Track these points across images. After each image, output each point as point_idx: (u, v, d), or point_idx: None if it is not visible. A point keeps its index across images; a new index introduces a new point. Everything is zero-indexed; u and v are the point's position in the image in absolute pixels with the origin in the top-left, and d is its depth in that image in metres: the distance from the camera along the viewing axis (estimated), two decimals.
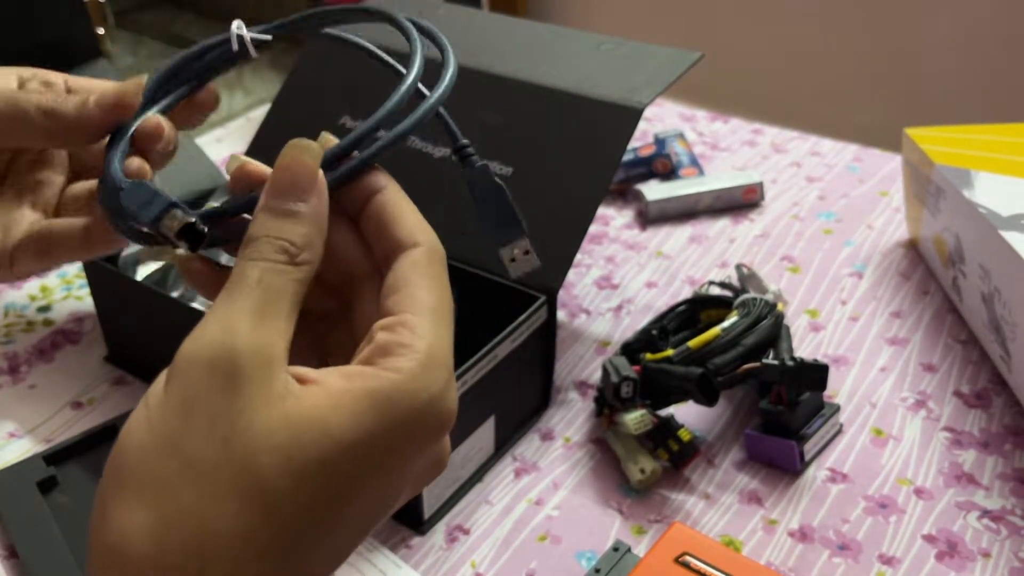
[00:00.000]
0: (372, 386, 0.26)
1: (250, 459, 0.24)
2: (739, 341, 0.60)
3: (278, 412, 0.25)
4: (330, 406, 0.25)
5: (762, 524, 0.57)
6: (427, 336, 0.27)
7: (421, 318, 0.28)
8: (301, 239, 0.28)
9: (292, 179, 0.29)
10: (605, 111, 0.65)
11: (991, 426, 0.64)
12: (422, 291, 0.29)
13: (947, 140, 0.76)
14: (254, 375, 0.25)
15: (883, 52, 2.09)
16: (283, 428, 0.24)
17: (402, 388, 0.26)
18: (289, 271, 0.28)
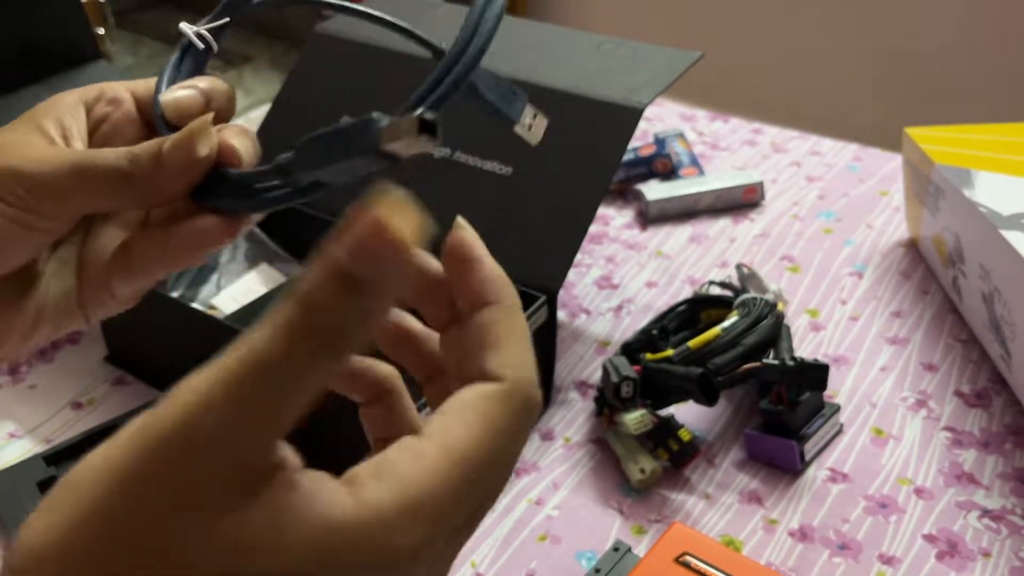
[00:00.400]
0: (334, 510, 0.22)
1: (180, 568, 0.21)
2: (739, 341, 0.60)
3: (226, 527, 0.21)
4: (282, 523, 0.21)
5: (762, 524, 0.57)
6: (428, 480, 0.22)
7: (440, 457, 0.23)
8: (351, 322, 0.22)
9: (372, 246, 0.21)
10: (605, 111, 0.65)
11: (991, 426, 0.64)
12: (468, 433, 0.23)
13: (947, 140, 0.76)
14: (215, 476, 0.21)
15: (883, 52, 2.09)
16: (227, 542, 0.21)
17: (361, 526, 0.21)
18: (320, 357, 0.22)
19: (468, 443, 0.23)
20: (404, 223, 0.21)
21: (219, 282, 0.72)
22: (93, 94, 0.35)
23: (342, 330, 0.21)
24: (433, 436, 0.23)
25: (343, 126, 0.26)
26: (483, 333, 0.26)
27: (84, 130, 0.35)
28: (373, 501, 0.22)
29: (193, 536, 0.21)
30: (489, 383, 0.25)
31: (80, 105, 0.35)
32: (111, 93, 0.36)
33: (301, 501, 0.22)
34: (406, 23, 0.38)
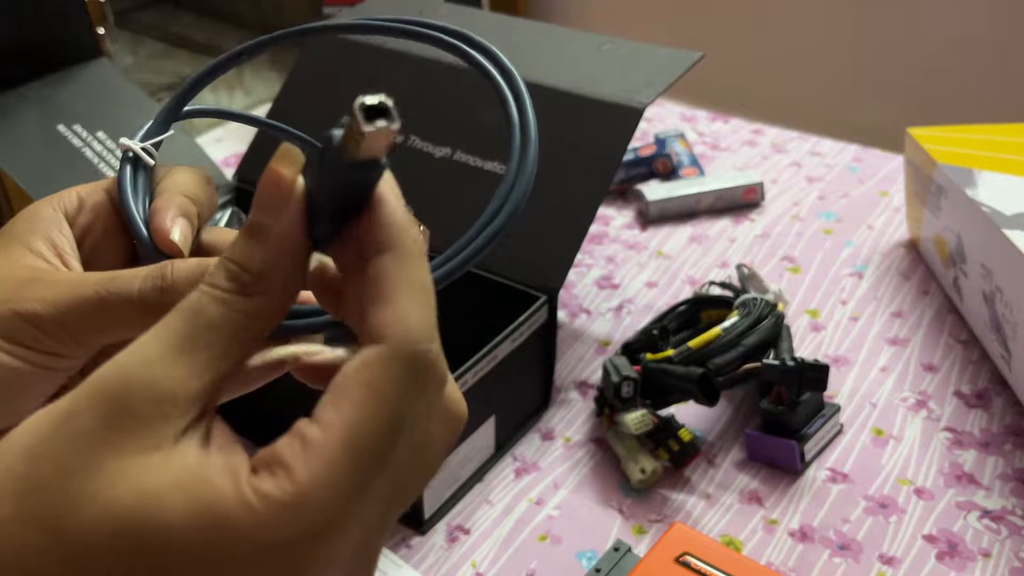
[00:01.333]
0: (223, 497, 0.22)
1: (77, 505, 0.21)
2: (740, 341, 0.60)
3: (133, 467, 0.22)
4: (179, 488, 0.22)
5: (762, 524, 0.57)
6: (317, 468, 0.22)
7: (327, 441, 0.22)
8: (258, 264, 0.24)
9: (263, 191, 0.24)
10: (605, 111, 0.65)
11: (991, 426, 0.64)
12: (351, 407, 0.22)
13: (949, 140, 0.76)
14: (138, 415, 0.22)
15: (883, 52, 2.09)
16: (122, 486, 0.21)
17: (247, 518, 0.21)
18: (232, 301, 0.24)
19: (353, 420, 0.22)
20: (288, 165, 0.24)
21: None
22: (72, 204, 0.33)
23: (253, 269, 0.24)
24: (320, 418, 0.23)
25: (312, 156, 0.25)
26: (371, 287, 0.24)
27: (75, 246, 0.33)
28: (262, 492, 0.22)
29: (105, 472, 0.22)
30: (371, 346, 0.23)
31: (62, 218, 0.33)
32: (90, 200, 0.33)
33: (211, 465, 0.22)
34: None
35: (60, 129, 0.72)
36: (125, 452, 0.22)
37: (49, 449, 0.22)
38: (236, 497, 0.22)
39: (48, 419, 0.23)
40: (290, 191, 0.24)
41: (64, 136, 0.72)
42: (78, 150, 0.72)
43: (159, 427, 0.22)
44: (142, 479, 0.22)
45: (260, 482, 0.22)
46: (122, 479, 0.22)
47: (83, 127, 0.73)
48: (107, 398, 0.22)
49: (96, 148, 0.73)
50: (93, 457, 0.22)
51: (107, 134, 0.74)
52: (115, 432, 0.22)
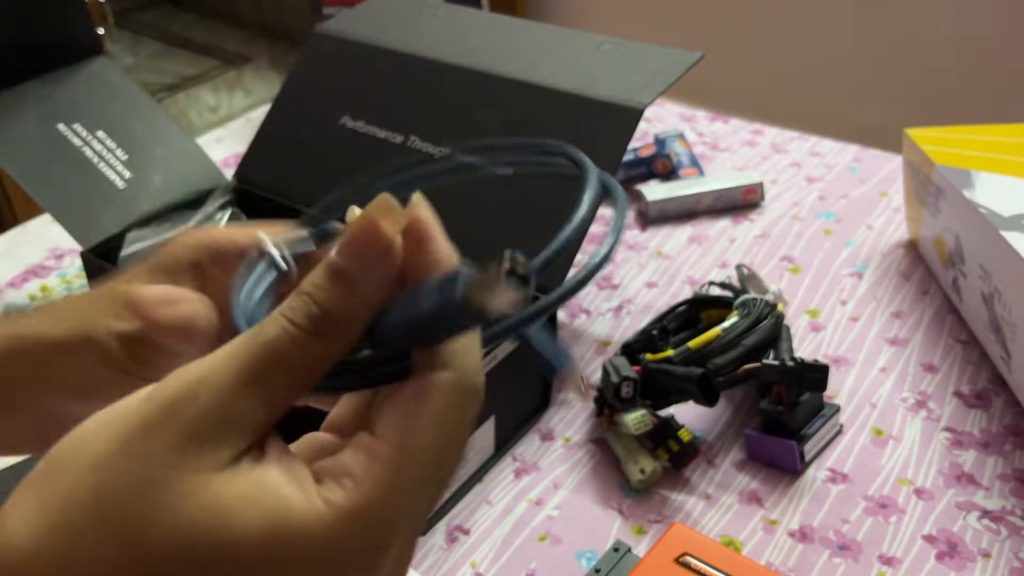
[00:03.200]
0: (295, 506, 0.23)
1: (151, 520, 0.22)
2: (739, 341, 0.60)
3: (202, 484, 0.23)
4: (248, 500, 0.23)
5: (762, 524, 0.57)
6: (384, 479, 0.23)
7: (393, 455, 0.24)
8: (338, 311, 0.24)
9: (360, 241, 0.25)
10: (605, 111, 0.65)
11: (991, 426, 0.64)
12: (417, 426, 0.24)
13: (947, 140, 0.76)
14: (206, 437, 0.23)
15: (883, 52, 2.09)
16: (195, 502, 0.22)
17: (319, 525, 0.23)
18: (308, 342, 0.24)
19: (418, 440, 0.24)
20: (390, 222, 0.25)
21: None
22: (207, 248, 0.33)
23: (333, 316, 0.24)
24: (386, 436, 0.24)
25: (426, 287, 0.24)
26: None
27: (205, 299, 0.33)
28: (333, 502, 0.23)
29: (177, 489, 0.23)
30: (437, 371, 0.25)
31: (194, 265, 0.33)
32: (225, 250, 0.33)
33: (278, 476, 0.24)
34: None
35: (60, 128, 0.72)
36: (189, 472, 0.23)
37: (118, 464, 0.23)
38: (306, 506, 0.23)
39: (116, 432, 0.23)
40: (388, 248, 0.25)
41: (64, 135, 0.72)
42: (78, 149, 0.72)
43: (223, 452, 0.23)
44: (210, 496, 0.23)
45: (328, 492, 0.23)
46: (192, 496, 0.22)
47: (83, 126, 0.73)
48: (179, 420, 0.23)
49: (96, 147, 0.73)
50: (163, 476, 0.23)
51: (107, 133, 0.74)
52: (184, 453, 0.23)
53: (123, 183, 0.72)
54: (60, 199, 0.69)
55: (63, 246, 0.85)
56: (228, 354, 0.24)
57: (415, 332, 0.25)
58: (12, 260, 0.83)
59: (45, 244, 0.86)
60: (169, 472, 0.23)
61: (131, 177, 0.73)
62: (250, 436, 0.24)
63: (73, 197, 0.70)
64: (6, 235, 0.88)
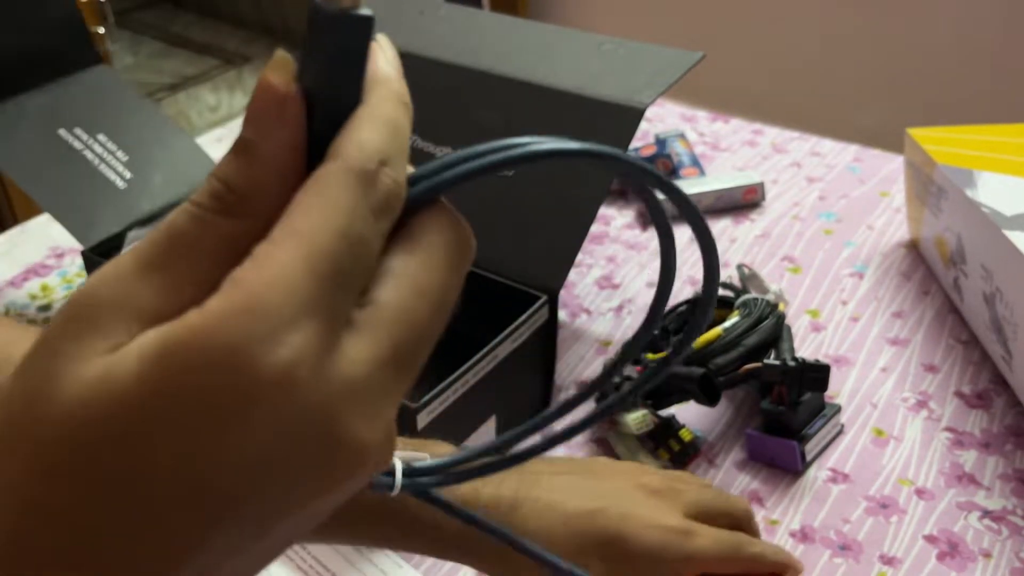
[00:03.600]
0: (167, 333, 0.20)
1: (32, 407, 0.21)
2: (740, 341, 0.60)
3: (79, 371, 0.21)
4: (125, 359, 0.21)
5: (763, 524, 0.57)
6: (268, 270, 0.21)
7: (277, 247, 0.21)
8: (243, 182, 0.22)
9: (255, 104, 0.23)
10: (606, 111, 0.65)
11: (992, 426, 0.64)
12: (297, 215, 0.22)
13: (949, 140, 0.75)
14: (99, 324, 0.21)
15: (884, 52, 2.09)
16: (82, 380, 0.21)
17: (195, 333, 0.20)
18: (212, 221, 0.22)
19: (304, 227, 0.21)
20: (281, 74, 0.22)
21: None
22: None
23: (236, 188, 0.22)
24: (270, 236, 0.21)
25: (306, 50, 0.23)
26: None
27: None
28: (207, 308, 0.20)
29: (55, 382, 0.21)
30: (322, 165, 0.23)
31: None
32: None
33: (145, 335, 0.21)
34: None
35: (61, 133, 0.72)
36: (75, 358, 0.21)
37: (24, 363, 0.22)
38: (182, 324, 0.20)
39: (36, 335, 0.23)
40: (282, 101, 0.22)
41: (65, 140, 0.72)
42: (79, 152, 0.72)
43: (110, 337, 0.21)
44: (95, 369, 0.21)
45: (208, 304, 0.20)
46: (76, 377, 0.21)
47: (83, 130, 0.73)
48: (73, 309, 0.22)
49: (97, 150, 0.73)
50: (52, 365, 0.21)
51: (107, 136, 0.74)
52: (72, 342, 0.21)
53: (124, 183, 0.72)
54: (61, 200, 0.69)
55: (63, 245, 0.85)
56: (136, 244, 0.22)
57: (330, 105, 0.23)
58: (12, 260, 0.83)
59: (45, 243, 0.86)
60: (57, 359, 0.21)
61: (132, 178, 0.73)
62: (147, 323, 0.21)
63: (74, 198, 0.70)
64: (6, 235, 0.88)
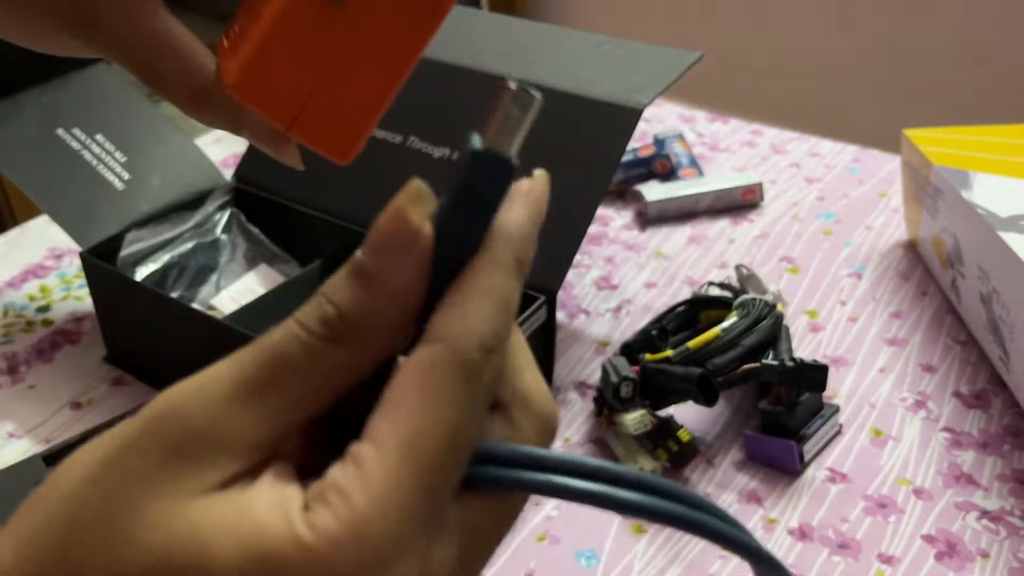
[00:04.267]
0: (274, 537, 0.20)
1: (122, 552, 0.20)
2: (738, 342, 0.60)
3: (180, 510, 0.20)
4: (228, 532, 0.19)
5: (762, 523, 0.57)
6: (377, 488, 0.20)
7: (383, 458, 0.20)
8: (359, 314, 0.21)
9: (383, 231, 0.21)
10: (605, 111, 0.65)
11: (990, 427, 0.64)
12: (404, 416, 0.20)
13: (946, 141, 0.76)
14: (192, 458, 0.20)
15: (882, 53, 2.09)
16: (169, 530, 0.20)
17: (302, 556, 0.19)
18: (321, 350, 0.21)
19: (410, 430, 0.20)
20: (419, 209, 0.21)
21: (218, 282, 0.72)
22: None
23: (351, 318, 0.21)
24: (373, 435, 0.20)
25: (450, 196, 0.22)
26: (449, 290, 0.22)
27: None
28: (318, 527, 0.20)
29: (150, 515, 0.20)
30: (424, 346, 0.21)
31: None
32: None
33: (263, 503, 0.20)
34: None
35: (59, 133, 0.72)
36: (165, 495, 0.20)
37: (91, 492, 0.20)
38: (287, 534, 0.19)
39: (99, 455, 0.21)
40: (415, 237, 0.21)
41: (63, 140, 0.72)
42: (77, 152, 0.72)
43: (207, 473, 0.20)
44: (186, 524, 0.20)
45: (314, 515, 0.20)
46: (165, 525, 0.20)
47: (82, 130, 0.73)
48: (161, 436, 0.21)
49: (95, 150, 0.73)
50: (135, 500, 0.20)
51: (105, 136, 0.74)
52: (162, 471, 0.20)
53: (122, 184, 0.72)
54: (59, 201, 0.69)
55: (62, 246, 0.85)
56: (228, 362, 0.21)
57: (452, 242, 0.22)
58: (12, 260, 0.84)
59: (44, 244, 0.86)
60: (143, 495, 0.20)
61: (130, 179, 0.73)
62: (244, 457, 0.21)
63: (72, 199, 0.70)
64: (6, 235, 0.88)
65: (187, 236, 0.73)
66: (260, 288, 0.72)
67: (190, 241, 0.73)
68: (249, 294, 0.72)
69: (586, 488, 0.22)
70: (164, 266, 0.70)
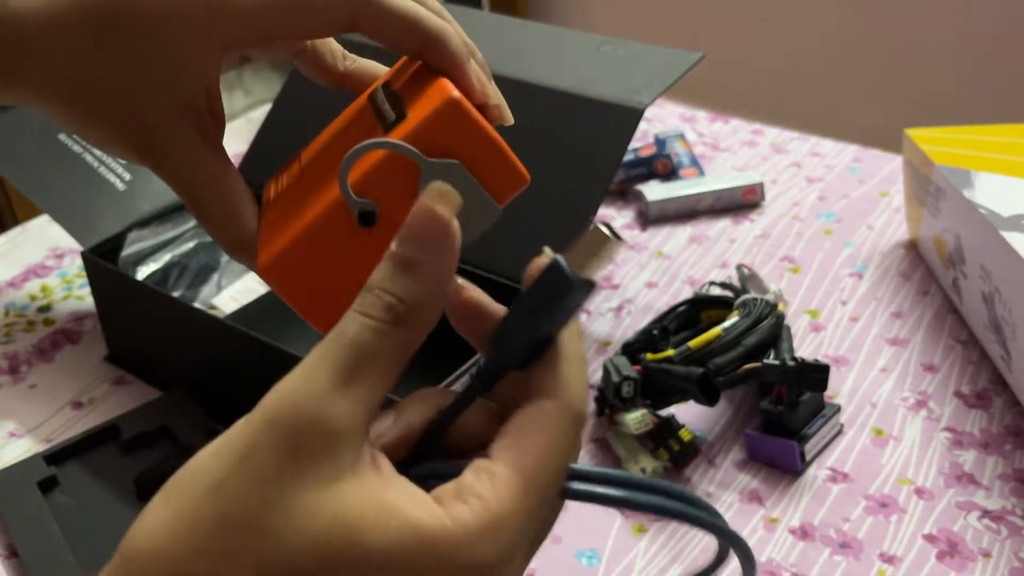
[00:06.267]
0: (425, 523, 0.24)
1: (280, 539, 0.23)
2: (740, 341, 0.60)
3: (324, 499, 0.24)
4: (377, 520, 0.24)
5: (763, 523, 0.57)
6: (507, 497, 0.25)
7: (513, 476, 0.25)
8: (413, 298, 0.25)
9: (420, 228, 0.26)
10: (606, 111, 0.65)
11: (991, 426, 0.64)
12: (533, 448, 0.26)
13: (947, 141, 0.76)
14: (314, 448, 0.24)
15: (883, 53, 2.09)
16: (322, 518, 0.23)
17: (451, 540, 0.24)
18: (390, 332, 0.25)
19: (535, 463, 0.26)
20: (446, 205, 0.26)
21: (219, 282, 0.72)
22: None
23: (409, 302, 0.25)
24: (505, 458, 0.26)
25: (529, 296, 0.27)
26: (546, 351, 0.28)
27: None
28: (460, 519, 0.24)
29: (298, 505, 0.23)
30: (549, 399, 0.27)
31: None
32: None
33: (399, 497, 0.24)
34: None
35: (61, 138, 0.72)
36: (309, 485, 0.23)
37: (235, 489, 0.23)
38: (436, 522, 0.24)
39: (225, 457, 0.24)
40: (448, 229, 0.26)
41: (65, 144, 0.72)
42: (78, 156, 0.72)
43: (335, 460, 0.24)
44: (338, 508, 0.23)
45: (455, 509, 0.24)
46: (319, 509, 0.23)
47: None
48: (282, 434, 0.24)
49: (96, 153, 0.73)
50: (281, 492, 0.23)
51: None
52: (296, 466, 0.23)
53: (123, 185, 0.72)
54: (61, 202, 0.69)
55: (63, 246, 0.85)
56: (317, 360, 0.25)
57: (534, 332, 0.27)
58: (12, 260, 0.84)
59: (45, 244, 0.86)
60: (284, 487, 0.23)
61: (131, 179, 0.73)
62: (358, 439, 0.25)
63: (74, 200, 0.70)
64: (6, 235, 0.88)
65: (188, 236, 0.73)
66: (261, 288, 0.72)
67: (191, 241, 0.73)
68: (250, 294, 0.72)
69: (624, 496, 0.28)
70: (165, 265, 0.71)
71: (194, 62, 0.33)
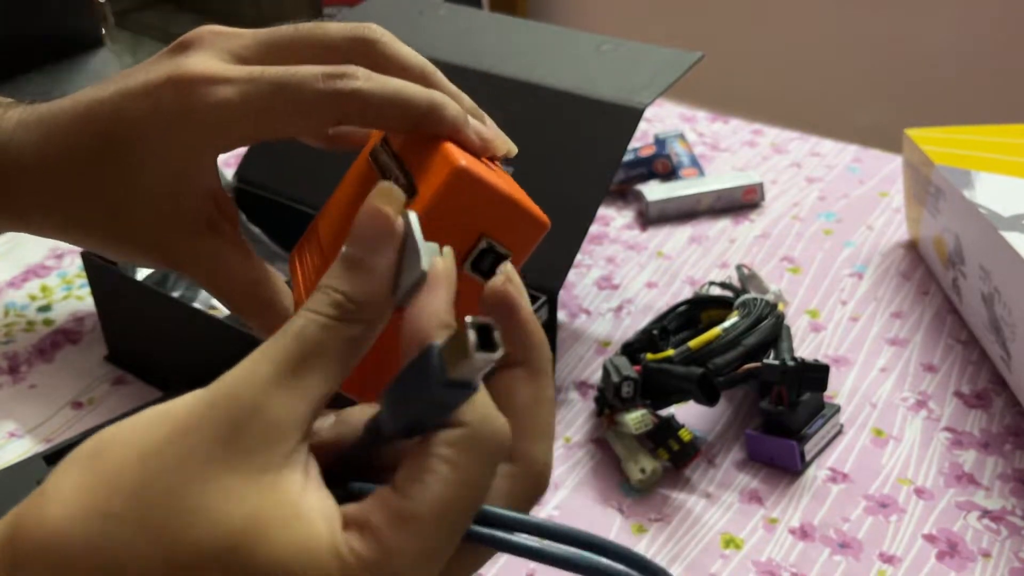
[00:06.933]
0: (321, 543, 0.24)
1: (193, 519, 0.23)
2: (740, 341, 0.60)
3: (246, 489, 0.23)
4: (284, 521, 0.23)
5: (763, 523, 0.57)
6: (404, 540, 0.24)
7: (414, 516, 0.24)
8: (359, 295, 0.26)
9: (365, 227, 0.26)
10: (605, 111, 0.65)
11: (991, 426, 0.64)
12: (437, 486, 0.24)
13: (947, 141, 0.76)
14: (250, 436, 0.24)
15: (883, 53, 2.09)
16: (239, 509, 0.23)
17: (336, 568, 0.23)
18: (335, 327, 0.25)
19: (439, 500, 0.24)
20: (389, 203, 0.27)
21: None
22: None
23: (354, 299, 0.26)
24: (408, 492, 0.24)
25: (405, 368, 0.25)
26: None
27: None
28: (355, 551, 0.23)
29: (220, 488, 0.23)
30: (454, 429, 0.25)
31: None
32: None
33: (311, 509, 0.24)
34: None
35: None
36: (236, 471, 0.23)
37: (164, 460, 0.23)
38: (330, 545, 0.23)
39: (162, 427, 0.24)
40: (392, 229, 0.26)
41: None
42: None
43: (268, 450, 0.24)
44: (250, 503, 0.23)
45: (351, 539, 0.24)
46: (232, 499, 0.23)
47: None
48: (220, 417, 0.24)
49: None
50: (206, 473, 0.23)
51: None
52: (227, 451, 0.23)
53: None
54: None
55: (63, 246, 0.85)
56: (262, 352, 0.25)
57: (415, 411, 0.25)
58: (12, 260, 0.84)
59: (45, 244, 0.86)
60: (211, 469, 0.23)
61: None
62: (296, 432, 0.24)
63: None
64: (6, 235, 0.88)
65: None
66: None
67: None
68: None
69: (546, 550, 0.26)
70: None
71: (192, 179, 0.35)
